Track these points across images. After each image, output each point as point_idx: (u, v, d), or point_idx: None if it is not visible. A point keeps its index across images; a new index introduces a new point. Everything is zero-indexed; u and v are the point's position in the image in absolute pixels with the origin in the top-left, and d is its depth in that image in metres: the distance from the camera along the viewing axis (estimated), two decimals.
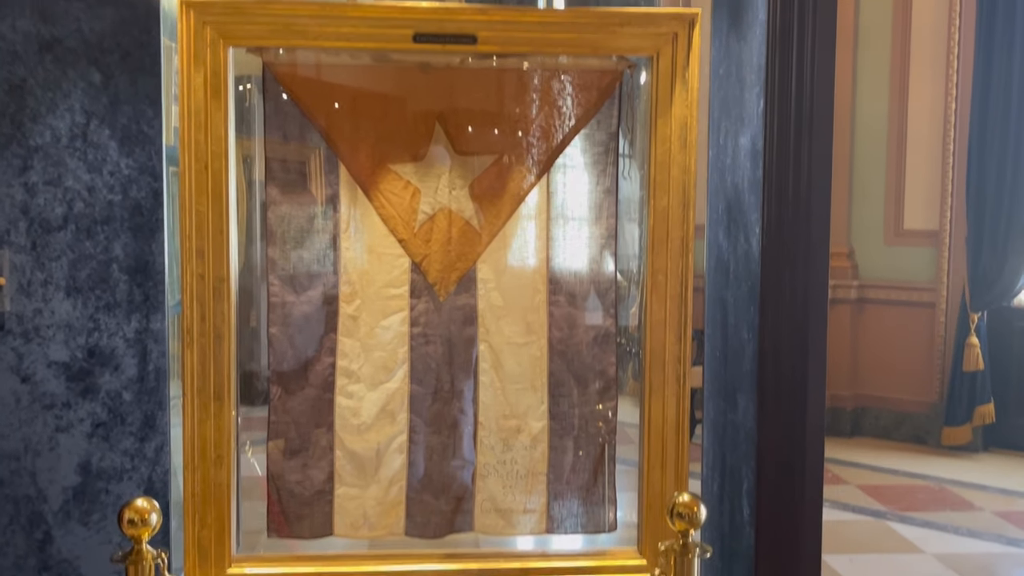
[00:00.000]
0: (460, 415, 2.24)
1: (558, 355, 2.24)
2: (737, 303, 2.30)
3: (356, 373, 2.20)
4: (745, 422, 2.25)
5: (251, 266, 2.43)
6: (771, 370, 2.18)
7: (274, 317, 2.17)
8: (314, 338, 2.19)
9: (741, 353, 2.28)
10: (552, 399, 2.25)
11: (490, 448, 2.25)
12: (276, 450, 2.20)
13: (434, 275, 2.20)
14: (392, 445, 2.22)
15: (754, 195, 2.20)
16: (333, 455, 2.21)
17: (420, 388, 2.22)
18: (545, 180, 2.22)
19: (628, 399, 2.43)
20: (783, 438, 2.19)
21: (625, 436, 2.37)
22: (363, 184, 2.18)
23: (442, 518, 2.24)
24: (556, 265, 2.24)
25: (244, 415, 2.27)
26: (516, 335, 2.23)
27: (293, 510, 2.20)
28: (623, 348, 2.43)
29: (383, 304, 2.20)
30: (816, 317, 2.18)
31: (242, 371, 2.24)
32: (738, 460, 2.29)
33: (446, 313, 2.22)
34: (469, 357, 2.23)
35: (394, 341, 2.21)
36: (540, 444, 2.25)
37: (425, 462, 2.23)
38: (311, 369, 2.19)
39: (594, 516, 2.27)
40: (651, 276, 2.20)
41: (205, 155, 2.06)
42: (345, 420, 2.21)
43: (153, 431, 2.21)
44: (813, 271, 2.18)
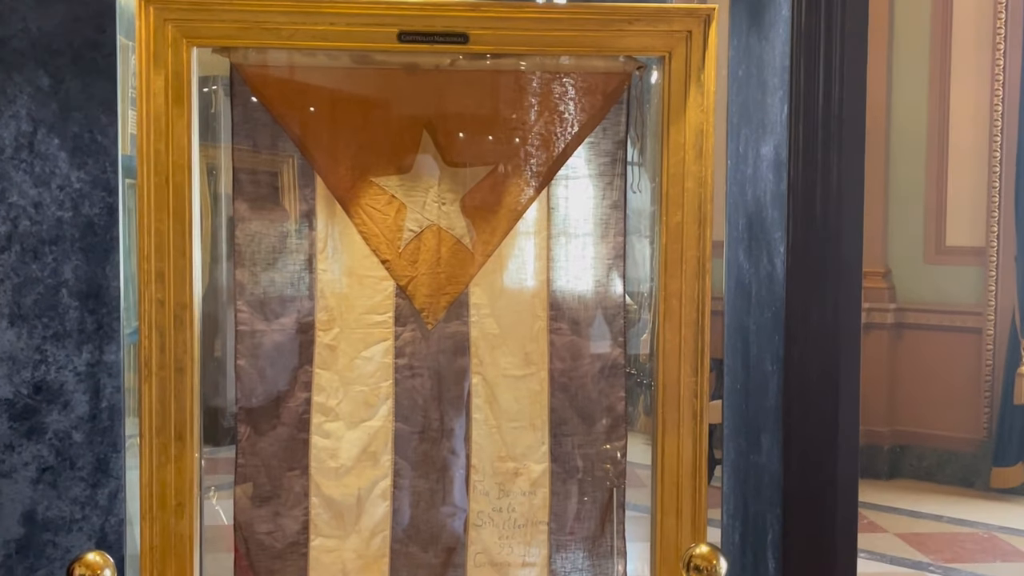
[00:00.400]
0: (451, 457, 2.23)
1: (560, 389, 2.24)
2: (760, 331, 2.29)
3: (334, 410, 2.19)
4: (770, 464, 2.25)
5: (216, 290, 2.42)
6: (798, 405, 2.17)
7: (242, 347, 2.16)
8: (287, 371, 2.19)
9: (765, 387, 2.27)
10: (554, 439, 2.24)
11: (484, 494, 2.24)
12: (244, 496, 2.19)
13: (421, 300, 2.20)
14: (374, 491, 2.21)
15: (778, 210, 2.21)
16: (308, 502, 2.19)
17: (406, 426, 2.21)
18: (545, 194, 2.23)
19: (639, 438, 2.43)
20: (812, 481, 2.19)
21: (636, 479, 2.36)
22: (342, 199, 2.18)
23: (431, 573, 2.23)
24: (558, 288, 2.24)
25: (208, 457, 2.26)
26: (513, 367, 2.23)
27: (263, 564, 2.18)
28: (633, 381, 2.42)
29: (364, 333, 2.20)
30: (848, 346, 2.18)
31: (206, 408, 2.23)
32: (762, 507, 2.28)
33: (435, 342, 2.21)
34: (461, 392, 2.22)
35: (377, 374, 2.20)
36: (540, 489, 2.24)
37: (411, 509, 2.22)
38: (283, 405, 2.18)
39: (602, 570, 2.26)
40: (664, 300, 2.20)
41: (166, 166, 2.06)
42: (321, 462, 2.19)
43: (106, 476, 2.20)
44: (845, 294, 2.18)
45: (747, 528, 2.35)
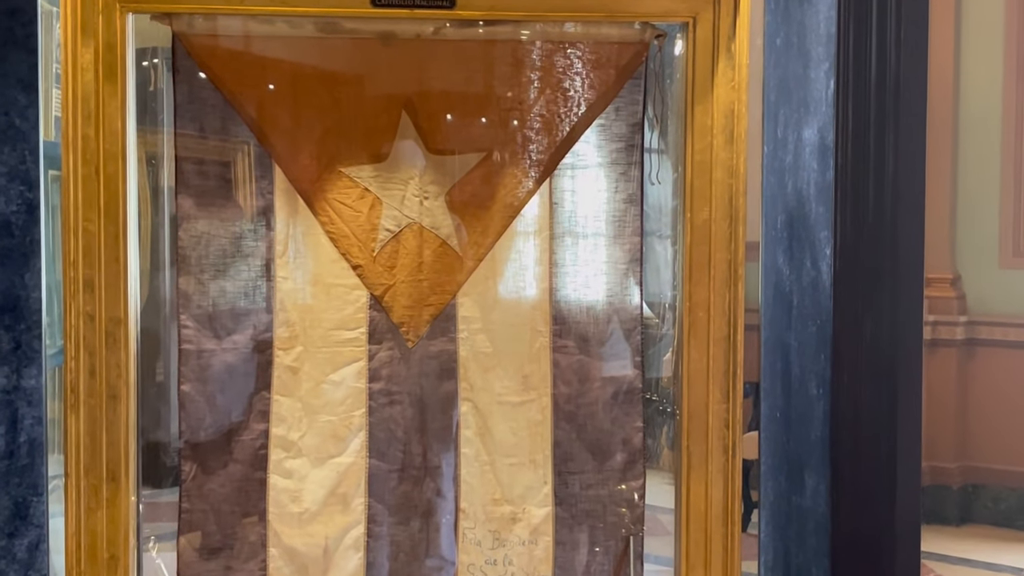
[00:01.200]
0: (436, 499, 2.24)
1: (566, 418, 2.25)
2: (803, 349, 2.30)
3: (296, 444, 2.20)
4: (815, 507, 2.25)
5: (157, 303, 2.43)
6: (849, 438, 2.18)
7: (187, 370, 2.17)
8: (240, 398, 2.19)
9: (809, 416, 2.28)
10: (558, 478, 2.25)
11: (476, 544, 2.24)
12: (190, 548, 2.19)
13: (400, 313, 2.21)
14: (345, 540, 2.22)
15: (823, 205, 2.22)
16: (266, 554, 2.20)
17: (382, 464, 2.22)
18: (547, 186, 2.24)
19: (660, 476, 2.43)
20: (866, 528, 2.19)
21: (657, 526, 2.37)
22: (305, 193, 2.19)
23: None
24: (562, 298, 2.25)
25: (148, 500, 2.26)
26: (510, 392, 2.24)
27: None
28: (654, 407, 2.43)
29: (332, 352, 2.20)
30: (908, 366, 2.19)
31: (145, 442, 2.23)
32: (807, 558, 2.29)
33: (416, 363, 2.22)
34: (448, 422, 2.23)
35: (347, 401, 2.21)
36: (543, 538, 2.25)
37: (389, 563, 2.23)
38: (236, 439, 2.19)
39: None
40: (689, 312, 2.20)
41: (96, 155, 2.06)
42: (282, 507, 2.20)
43: (26, 524, 2.20)
44: (904, 304, 2.19)
45: None
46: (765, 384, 2.48)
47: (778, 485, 2.40)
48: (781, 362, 2.39)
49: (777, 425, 2.41)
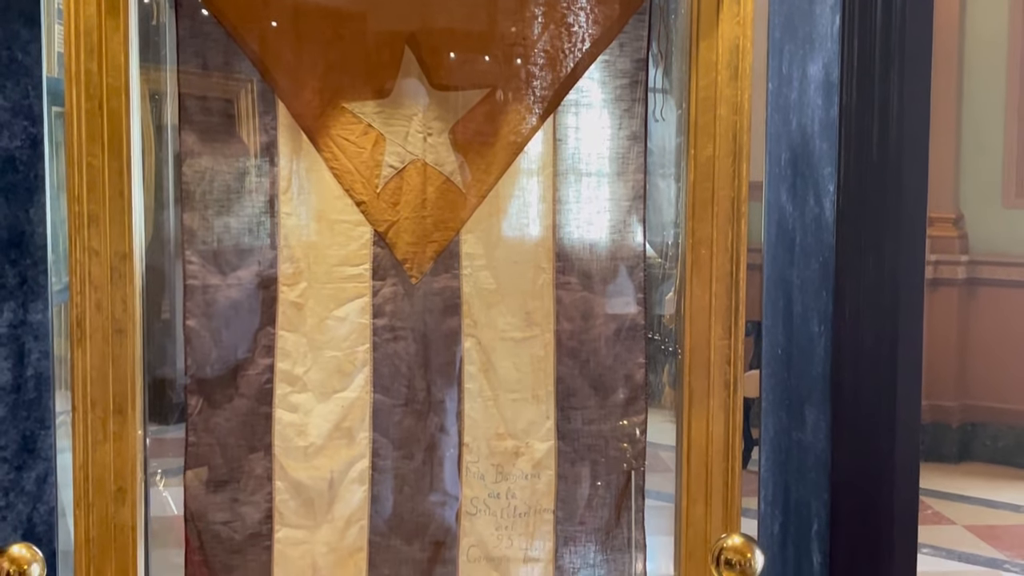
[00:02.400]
0: (439, 434, 2.24)
1: (569, 354, 2.25)
2: (805, 286, 2.30)
3: (301, 379, 2.21)
4: (815, 443, 2.26)
5: (162, 240, 2.43)
6: (850, 374, 2.19)
7: (192, 305, 2.17)
8: (246, 333, 2.20)
9: (810, 352, 2.28)
10: (561, 413, 2.26)
11: (479, 478, 2.26)
12: (197, 481, 2.21)
13: (404, 249, 2.20)
14: (350, 474, 2.23)
15: (827, 142, 2.20)
16: (272, 487, 2.21)
17: (386, 399, 2.22)
18: (551, 123, 2.22)
19: (662, 414, 2.44)
20: (865, 464, 2.20)
21: (658, 463, 2.38)
22: (309, 129, 2.18)
23: (416, 570, 2.25)
24: (566, 235, 2.24)
25: (154, 436, 2.27)
26: (513, 328, 2.24)
27: (219, 559, 2.21)
28: (655, 345, 2.43)
29: (336, 288, 2.20)
30: (910, 304, 2.19)
31: (151, 378, 2.24)
32: (806, 493, 2.30)
33: (420, 300, 2.22)
34: (451, 357, 2.24)
35: (351, 337, 2.21)
36: (545, 472, 2.26)
37: (394, 496, 2.24)
38: (242, 374, 2.20)
39: (617, 566, 2.29)
40: (692, 250, 2.20)
41: (99, 90, 2.05)
42: (287, 441, 2.21)
43: (33, 457, 2.21)
44: (906, 242, 2.19)
45: (788, 518, 2.38)
46: (767, 321, 2.48)
47: (779, 421, 2.41)
48: (783, 299, 2.39)
49: (778, 362, 2.41)
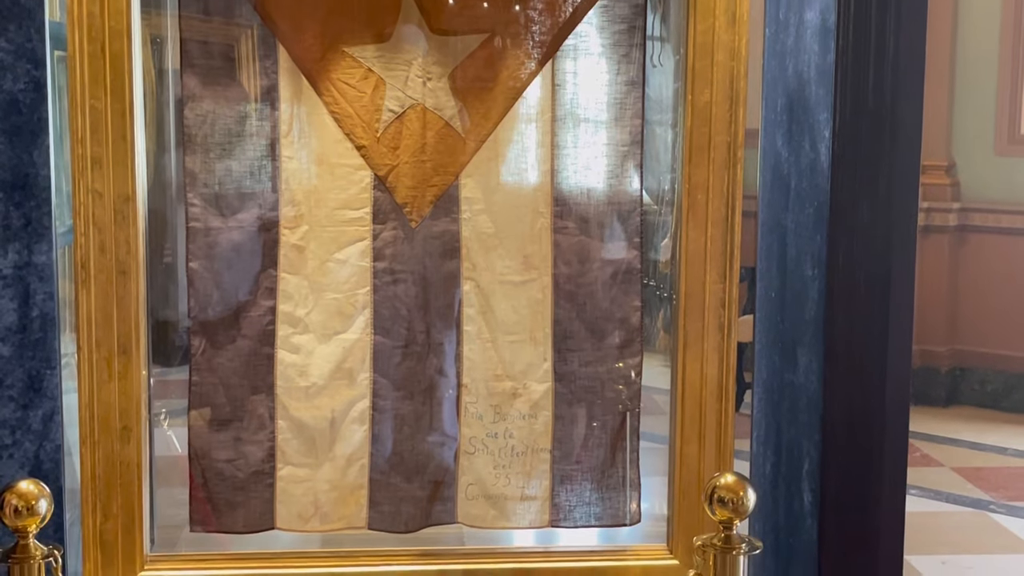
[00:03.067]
0: (439, 376, 2.26)
1: (566, 298, 2.26)
2: (800, 230, 2.30)
3: (303, 321, 2.22)
4: (807, 385, 2.28)
5: (164, 182, 2.42)
6: (842, 317, 2.19)
7: (195, 247, 2.18)
8: (248, 275, 2.20)
9: (803, 295, 2.29)
10: (558, 355, 2.27)
11: (478, 418, 2.27)
12: (200, 421, 2.22)
13: (404, 193, 2.20)
14: (351, 414, 2.25)
15: (823, 87, 2.20)
16: (274, 426, 2.23)
17: (386, 340, 2.23)
18: (549, 68, 2.22)
19: (657, 359, 2.45)
20: (856, 406, 2.22)
21: (653, 406, 2.40)
22: (309, 72, 2.17)
23: (416, 507, 2.28)
24: (563, 180, 2.24)
25: (158, 378, 2.29)
26: (511, 272, 2.25)
27: (223, 497, 2.23)
28: (651, 290, 2.44)
29: (337, 231, 2.21)
30: (902, 249, 2.19)
31: (155, 321, 2.25)
32: (798, 433, 2.32)
33: (420, 243, 2.22)
34: (450, 300, 2.25)
35: (352, 279, 2.22)
36: (542, 412, 2.28)
37: (394, 435, 2.26)
38: (244, 316, 2.21)
39: (612, 505, 2.31)
40: (688, 195, 2.21)
41: (102, 34, 2.04)
42: (289, 381, 2.23)
43: (39, 396, 2.22)
44: (900, 188, 2.19)
45: (780, 457, 2.40)
46: (761, 265, 2.48)
47: (772, 363, 2.42)
48: (777, 243, 2.39)
49: (772, 305, 2.42)
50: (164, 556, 2.24)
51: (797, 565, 2.33)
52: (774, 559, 2.41)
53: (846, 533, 2.24)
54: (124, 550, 2.18)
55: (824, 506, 2.23)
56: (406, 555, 2.27)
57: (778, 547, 2.39)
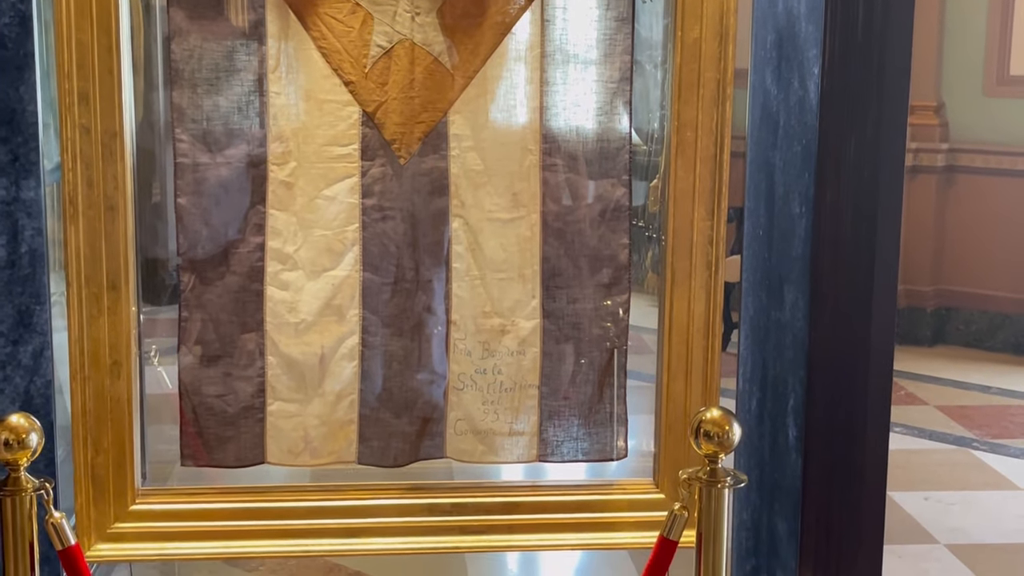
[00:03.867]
0: (427, 313, 2.26)
1: (554, 235, 2.26)
2: (788, 168, 2.30)
3: (292, 257, 2.21)
4: (793, 322, 2.28)
5: (152, 118, 2.41)
6: (829, 256, 2.19)
7: (183, 183, 2.17)
8: (237, 212, 2.20)
9: (791, 233, 2.29)
10: (546, 292, 2.27)
11: (466, 354, 2.28)
12: (191, 356, 2.23)
13: (392, 129, 2.19)
14: (340, 350, 2.25)
15: (813, 24, 2.18)
16: (264, 362, 2.23)
17: (375, 277, 2.23)
18: (538, 4, 2.20)
19: (644, 298, 2.46)
20: (842, 343, 2.22)
21: (640, 344, 2.40)
22: (297, 7, 2.15)
23: (405, 442, 2.29)
24: (552, 118, 2.23)
25: (148, 317, 2.29)
26: (500, 209, 2.24)
27: (214, 432, 2.24)
28: (639, 231, 2.43)
29: (326, 168, 2.20)
30: (890, 188, 2.19)
31: (144, 260, 2.25)
32: (783, 370, 2.33)
33: (408, 180, 2.21)
34: (439, 237, 2.24)
35: (341, 216, 2.21)
36: (530, 349, 2.28)
37: (383, 371, 2.27)
38: (233, 252, 2.20)
39: (599, 440, 2.33)
40: (677, 133, 2.20)
41: None
42: (279, 317, 2.23)
43: (29, 331, 2.22)
44: (888, 128, 2.17)
45: (765, 394, 2.41)
46: (749, 203, 2.47)
47: (758, 300, 2.42)
48: (765, 181, 2.38)
49: (759, 243, 2.42)
50: (156, 490, 2.25)
51: (781, 499, 2.35)
52: (759, 493, 2.43)
53: (830, 469, 2.25)
54: (115, 484, 2.19)
55: (809, 442, 2.25)
56: (395, 489, 2.29)
57: (763, 481, 2.41)
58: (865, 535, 2.25)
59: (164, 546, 2.23)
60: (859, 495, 2.26)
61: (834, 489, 2.26)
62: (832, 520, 2.26)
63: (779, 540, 2.37)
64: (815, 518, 2.26)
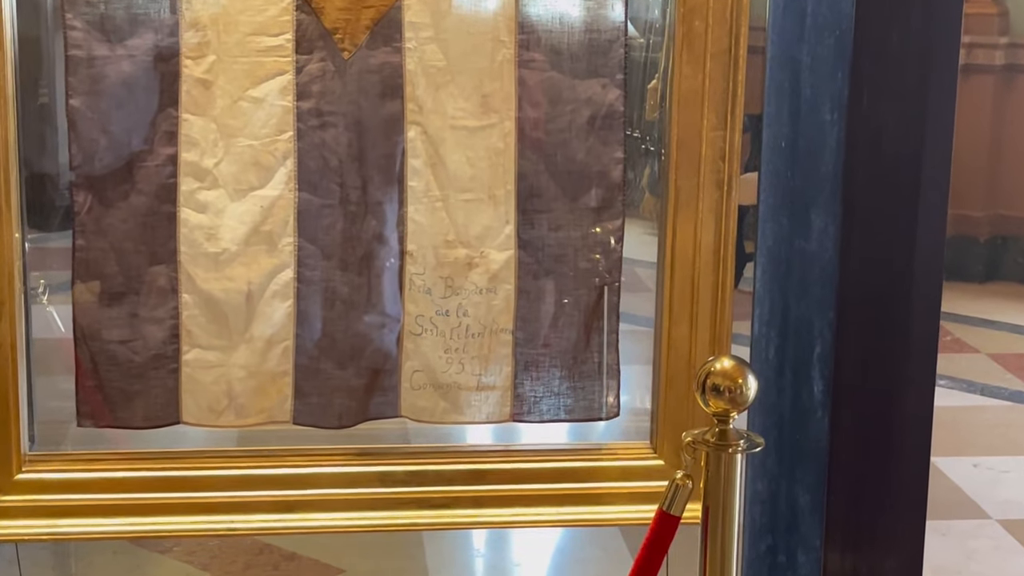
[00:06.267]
0: (377, 242, 2.26)
1: (532, 147, 2.25)
2: (816, 67, 2.29)
3: (211, 173, 2.20)
4: (821, 252, 2.29)
5: (36, 4, 2.37)
6: (864, 171, 2.20)
7: (76, 82, 2.14)
8: (142, 117, 2.18)
9: (820, 146, 2.29)
10: (522, 217, 2.27)
11: (425, 292, 2.28)
12: (88, 295, 2.21)
13: (334, 16, 2.17)
14: (271, 286, 2.25)
15: None
16: (178, 301, 2.23)
17: (314, 198, 2.22)
18: None
19: (641, 224, 2.46)
20: (879, 278, 2.24)
21: (635, 281, 2.41)
22: None
23: (351, 398, 2.29)
24: (531, 2, 2.22)
25: (36, 246, 2.27)
26: (466, 115, 2.23)
27: (117, 384, 2.24)
28: (635, 143, 2.43)
29: (252, 63, 2.18)
30: (940, 91, 2.19)
31: (29, 174, 2.23)
32: (808, 310, 2.34)
33: (354, 79, 2.20)
34: (391, 150, 2.23)
35: (271, 123, 2.20)
36: (503, 287, 2.29)
37: (323, 313, 2.26)
38: (139, 166, 2.19)
39: (585, 396, 2.34)
40: (682, 21, 2.19)
41: None
42: (196, 247, 2.22)
43: None
44: (939, 17, 2.17)
45: (786, 340, 2.42)
46: (769, 109, 2.47)
47: (779, 227, 2.42)
48: (789, 82, 2.38)
49: (781, 157, 2.42)
50: (46, 455, 2.26)
51: (804, 466, 2.37)
52: (777, 459, 2.45)
53: (863, 430, 2.27)
54: None
55: (837, 397, 2.27)
56: (339, 455, 2.30)
57: (782, 445, 2.44)
58: (903, 509, 2.28)
59: (57, 523, 2.24)
60: (897, 461, 2.28)
61: (867, 454, 2.28)
62: (864, 491, 2.28)
63: (800, 515, 2.39)
64: (844, 489, 2.29)
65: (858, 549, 2.29)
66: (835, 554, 2.30)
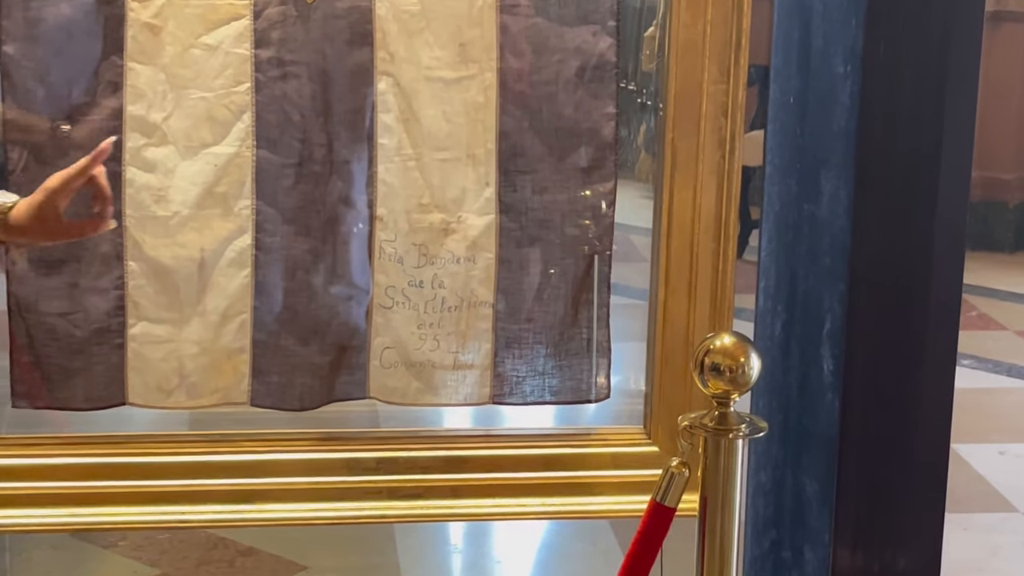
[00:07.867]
0: (343, 206, 2.26)
1: (516, 101, 2.26)
2: (829, 12, 2.29)
3: (160, 128, 2.20)
4: (833, 218, 2.29)
5: None
6: (881, 129, 2.20)
7: (11, 26, 2.14)
8: (84, 66, 2.18)
9: (832, 101, 2.29)
10: (504, 178, 2.28)
11: (396, 262, 2.29)
12: (24, 262, 2.21)
13: None
14: (226, 254, 2.25)
15: None
16: (123, 269, 2.23)
17: (274, 156, 2.23)
18: None
19: (635, 187, 2.46)
20: (895, 247, 2.24)
21: (629, 249, 2.41)
22: None
23: (314, 378, 2.30)
24: None
25: None
26: (442, 65, 2.24)
27: (56, 361, 2.24)
28: (629, 97, 2.43)
29: (205, 6, 2.18)
30: (964, 39, 2.19)
31: None
32: (818, 281, 2.35)
33: (318, 24, 2.20)
34: (360, 103, 2.24)
35: (226, 73, 2.20)
36: (483, 255, 2.29)
37: (284, 284, 2.27)
38: (80, 120, 2.19)
39: (573, 375, 2.35)
40: None
41: None
42: (143, 209, 2.22)
43: None
44: None
45: (793, 314, 2.43)
46: (776, 61, 2.47)
47: (786, 191, 2.43)
48: (799, 30, 2.38)
49: (789, 114, 2.42)
50: None
51: (812, 453, 2.38)
52: (782, 445, 2.46)
53: (876, 414, 2.28)
54: None
55: (849, 377, 2.27)
56: (302, 440, 2.31)
57: (788, 430, 2.44)
58: (921, 501, 2.29)
59: None
60: (914, 448, 2.29)
61: (881, 441, 2.29)
62: (877, 481, 2.29)
63: (807, 506, 2.40)
64: (855, 478, 2.30)
65: (870, 545, 2.30)
66: (845, 550, 2.31)
